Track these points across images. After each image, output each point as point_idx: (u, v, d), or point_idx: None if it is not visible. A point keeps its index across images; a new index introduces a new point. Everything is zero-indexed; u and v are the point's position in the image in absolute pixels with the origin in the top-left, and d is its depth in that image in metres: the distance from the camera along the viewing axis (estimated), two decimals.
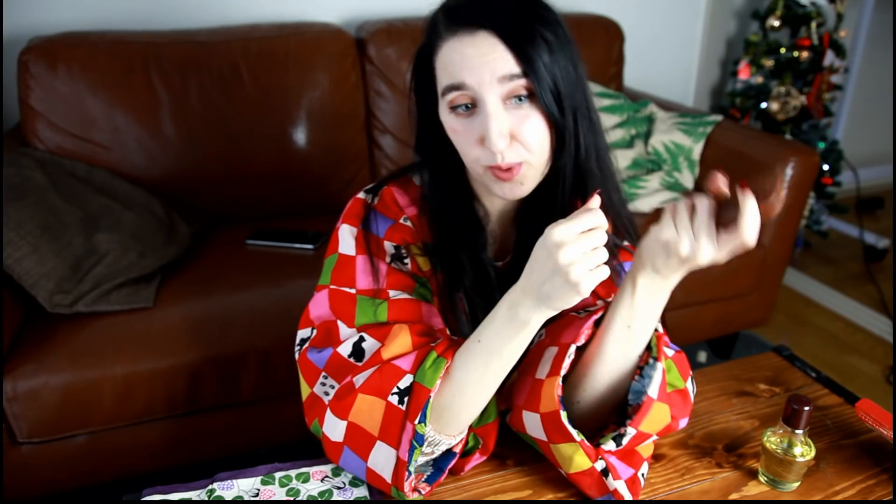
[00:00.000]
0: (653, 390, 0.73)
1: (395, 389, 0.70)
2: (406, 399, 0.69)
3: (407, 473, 0.70)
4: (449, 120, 0.73)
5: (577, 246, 0.60)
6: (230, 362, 1.42)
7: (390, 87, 1.96)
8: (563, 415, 0.72)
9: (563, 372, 0.73)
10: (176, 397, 1.39)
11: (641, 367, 0.76)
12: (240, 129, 1.81)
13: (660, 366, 0.73)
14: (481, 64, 0.68)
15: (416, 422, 0.68)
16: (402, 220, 0.81)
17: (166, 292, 1.49)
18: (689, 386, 0.80)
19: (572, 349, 0.74)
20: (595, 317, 0.75)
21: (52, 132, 1.69)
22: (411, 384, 0.70)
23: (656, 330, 0.75)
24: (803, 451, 0.77)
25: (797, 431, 0.76)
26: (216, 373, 1.41)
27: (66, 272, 1.41)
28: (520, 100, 0.70)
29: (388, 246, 0.79)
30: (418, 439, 0.68)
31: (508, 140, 0.70)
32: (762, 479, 0.81)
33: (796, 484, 0.79)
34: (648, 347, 0.76)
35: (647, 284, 0.70)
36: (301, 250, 1.69)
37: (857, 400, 0.89)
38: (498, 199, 0.82)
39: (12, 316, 1.36)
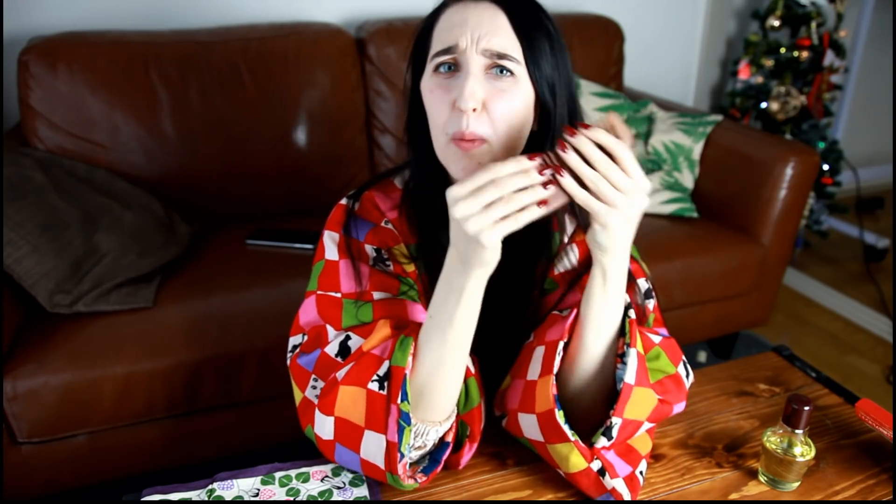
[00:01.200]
0: (629, 377, 0.72)
1: (375, 377, 0.70)
2: (386, 384, 0.70)
3: (399, 455, 0.70)
4: (429, 83, 0.74)
5: (468, 202, 0.60)
6: (230, 362, 1.42)
7: (390, 87, 1.96)
8: (559, 413, 0.72)
9: (555, 370, 0.73)
10: (176, 397, 1.39)
11: (621, 355, 0.76)
12: (240, 129, 1.81)
13: (633, 351, 0.73)
14: (476, 28, 0.70)
15: (399, 401, 0.68)
16: (383, 224, 0.82)
17: (166, 292, 1.49)
18: (682, 370, 0.79)
19: (561, 346, 0.74)
20: (573, 314, 0.75)
21: (52, 132, 1.69)
22: (388, 369, 0.70)
23: (628, 317, 0.75)
24: (803, 451, 0.77)
25: (797, 431, 0.76)
26: (216, 373, 1.41)
27: (66, 272, 1.41)
28: (501, 72, 0.71)
29: (369, 249, 0.80)
30: (405, 418, 0.69)
31: (480, 107, 0.70)
32: (762, 479, 0.81)
33: (796, 484, 0.79)
34: (623, 334, 0.76)
35: (616, 265, 0.70)
36: (301, 250, 1.69)
37: (857, 400, 0.89)
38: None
39: (12, 316, 1.36)
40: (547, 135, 0.75)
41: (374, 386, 0.70)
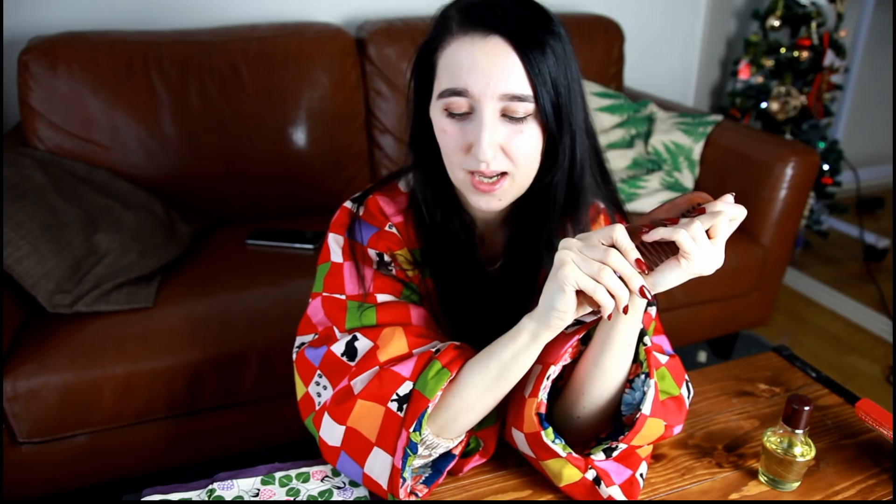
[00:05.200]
0: (646, 407, 0.73)
1: (395, 396, 0.70)
2: (405, 406, 0.69)
3: (402, 480, 0.70)
4: (441, 121, 0.72)
5: (575, 246, 0.62)
6: (230, 362, 1.42)
7: (390, 87, 1.96)
8: (544, 434, 0.72)
9: (541, 394, 0.73)
10: (176, 397, 1.39)
11: (631, 380, 0.76)
12: (240, 129, 1.81)
13: (653, 382, 0.73)
14: (489, 73, 0.67)
15: (412, 430, 0.68)
16: (387, 228, 0.81)
17: (166, 292, 1.49)
18: (684, 392, 0.80)
19: (552, 370, 0.73)
20: (578, 336, 0.75)
21: (52, 132, 1.69)
22: (410, 391, 0.70)
23: (644, 343, 0.75)
24: (803, 451, 0.77)
25: (797, 431, 0.76)
26: (216, 373, 1.41)
27: (66, 272, 1.41)
28: (515, 113, 0.69)
29: (372, 253, 0.80)
30: (412, 447, 0.68)
31: (497, 151, 0.70)
32: (762, 479, 0.81)
33: (796, 484, 0.79)
34: (636, 360, 0.76)
35: (642, 304, 0.70)
36: (301, 250, 1.69)
37: (857, 400, 0.89)
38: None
39: (12, 316, 1.35)
40: (554, 164, 0.74)
41: (392, 406, 0.70)
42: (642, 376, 0.75)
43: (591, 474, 0.74)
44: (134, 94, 1.72)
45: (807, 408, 0.75)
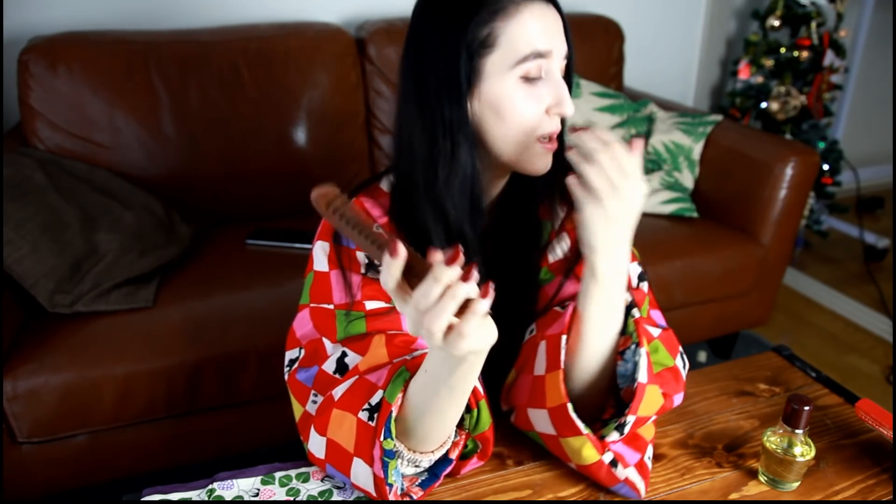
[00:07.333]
0: (642, 376, 0.73)
1: (366, 406, 0.69)
2: (376, 415, 0.68)
3: (388, 487, 0.68)
4: (516, 90, 0.74)
5: (411, 318, 0.56)
6: (230, 362, 1.42)
7: (390, 87, 1.96)
8: (570, 407, 0.73)
9: (562, 364, 0.73)
10: (176, 397, 1.39)
11: (622, 352, 0.77)
12: (240, 129, 1.81)
13: (643, 350, 0.73)
14: (557, 33, 0.74)
15: (382, 438, 0.67)
16: (374, 229, 0.81)
17: (166, 292, 1.49)
18: (679, 362, 0.80)
19: (563, 340, 0.74)
20: (572, 307, 0.76)
21: (52, 132, 1.69)
22: (380, 400, 0.69)
23: (632, 315, 0.76)
24: (803, 451, 0.77)
25: (797, 431, 0.76)
26: (216, 373, 1.41)
27: (66, 272, 1.41)
28: (564, 74, 0.77)
29: (361, 256, 0.79)
30: (388, 454, 0.67)
31: None
32: (762, 479, 0.81)
33: (796, 484, 0.79)
34: (626, 332, 0.76)
35: (606, 264, 0.70)
36: (301, 250, 1.69)
37: (857, 400, 0.89)
38: (499, 186, 0.84)
39: (12, 316, 1.36)
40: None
41: (363, 415, 0.69)
42: (633, 346, 0.75)
43: (608, 457, 0.74)
44: (134, 94, 1.72)
45: (807, 408, 0.75)
